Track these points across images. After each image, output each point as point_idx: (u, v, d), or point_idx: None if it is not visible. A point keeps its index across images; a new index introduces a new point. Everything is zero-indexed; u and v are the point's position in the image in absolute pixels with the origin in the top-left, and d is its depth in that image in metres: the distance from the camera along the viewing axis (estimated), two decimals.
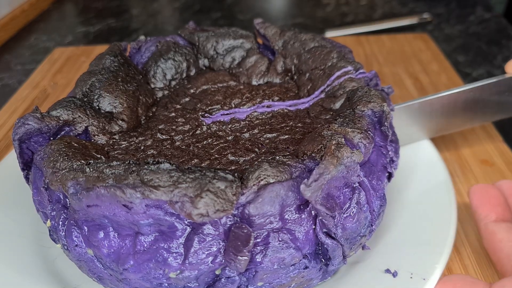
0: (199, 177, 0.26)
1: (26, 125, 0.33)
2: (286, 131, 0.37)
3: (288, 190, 0.28)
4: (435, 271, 0.33)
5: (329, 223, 0.29)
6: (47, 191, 0.32)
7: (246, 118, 0.39)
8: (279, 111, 0.40)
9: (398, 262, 0.35)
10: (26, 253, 0.37)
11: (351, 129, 0.31)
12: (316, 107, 0.39)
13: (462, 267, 0.38)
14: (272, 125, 0.38)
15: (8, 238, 0.39)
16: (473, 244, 0.40)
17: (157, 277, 0.28)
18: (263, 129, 0.37)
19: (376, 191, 0.32)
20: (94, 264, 0.30)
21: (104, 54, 0.42)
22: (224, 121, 0.39)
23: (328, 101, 0.39)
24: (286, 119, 0.38)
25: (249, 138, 0.36)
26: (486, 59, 0.73)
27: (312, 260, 0.30)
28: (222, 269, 0.29)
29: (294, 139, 0.36)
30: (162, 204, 0.26)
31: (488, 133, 0.54)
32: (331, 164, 0.28)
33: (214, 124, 0.38)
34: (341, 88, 0.39)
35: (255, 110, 0.40)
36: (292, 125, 0.37)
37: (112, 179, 0.27)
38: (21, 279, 0.35)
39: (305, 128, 0.37)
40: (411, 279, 0.33)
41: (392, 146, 0.36)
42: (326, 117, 0.37)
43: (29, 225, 0.40)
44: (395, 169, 0.36)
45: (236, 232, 0.27)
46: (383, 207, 0.33)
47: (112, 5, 1.05)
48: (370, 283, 0.34)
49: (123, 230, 0.29)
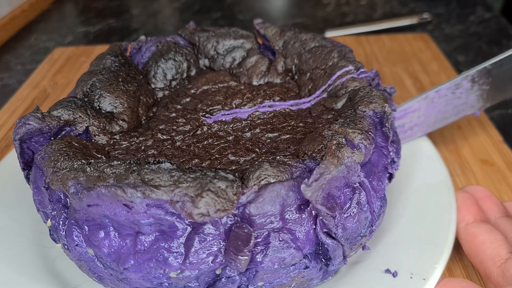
0: (200, 177, 0.26)
1: (27, 125, 0.33)
2: (288, 131, 0.37)
3: (288, 190, 0.28)
4: (435, 271, 0.34)
5: (329, 223, 0.29)
6: (47, 191, 0.32)
7: (248, 118, 0.39)
8: (281, 111, 0.40)
9: (398, 262, 0.35)
10: (26, 253, 0.37)
11: (351, 130, 0.31)
12: (318, 107, 0.39)
13: (462, 267, 0.38)
14: (274, 125, 0.38)
15: (8, 238, 0.39)
16: None
17: (157, 277, 0.28)
18: (265, 129, 0.37)
19: (377, 192, 0.32)
20: (94, 264, 0.30)
21: (105, 54, 0.42)
22: (226, 121, 0.39)
23: (330, 101, 0.39)
24: (287, 119, 0.39)
25: (250, 138, 0.36)
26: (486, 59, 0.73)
27: (313, 260, 0.30)
28: (223, 268, 0.29)
29: (295, 139, 0.36)
30: (162, 203, 0.26)
31: (488, 133, 0.54)
32: (331, 164, 0.28)
33: (216, 124, 0.38)
34: (343, 87, 0.39)
35: (257, 109, 0.40)
36: (293, 125, 0.38)
37: (113, 179, 0.27)
38: (21, 279, 0.35)
39: (306, 128, 0.37)
40: (411, 279, 0.33)
41: (393, 147, 0.36)
42: (328, 116, 0.37)
43: (29, 225, 0.40)
44: (396, 169, 0.36)
45: (236, 231, 0.27)
46: (383, 207, 0.33)
47: (112, 5, 1.05)
48: (370, 283, 0.34)
49: (123, 230, 0.29)
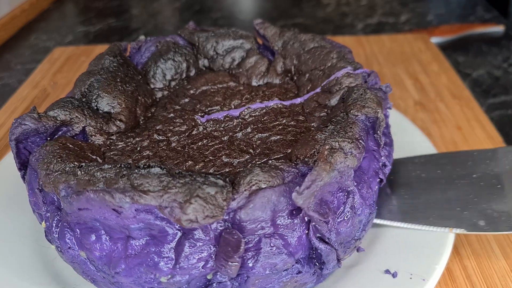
0: (189, 182, 0.26)
1: (23, 125, 0.33)
2: (278, 131, 0.36)
3: (279, 196, 0.27)
4: (434, 271, 0.33)
5: (322, 229, 0.29)
6: (41, 193, 0.32)
7: (240, 115, 0.39)
8: (273, 107, 0.39)
9: (397, 262, 0.35)
10: (25, 253, 0.37)
11: (341, 139, 0.30)
12: (311, 103, 0.39)
13: (461, 268, 0.38)
14: (265, 123, 0.37)
15: (8, 237, 0.39)
16: (473, 244, 0.40)
17: (148, 281, 0.28)
18: (256, 128, 0.37)
19: (366, 200, 0.32)
20: (87, 267, 0.30)
21: (104, 54, 0.42)
22: (218, 119, 0.39)
23: (324, 97, 0.38)
24: (278, 117, 0.38)
25: (243, 138, 0.36)
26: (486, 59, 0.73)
27: (305, 265, 0.30)
28: (214, 274, 0.29)
29: (285, 141, 0.35)
30: (152, 208, 0.26)
31: (488, 133, 0.54)
32: (323, 170, 0.27)
33: (208, 123, 0.38)
34: (337, 83, 0.38)
35: (249, 106, 0.39)
36: (284, 124, 0.37)
37: (102, 183, 0.27)
38: (20, 279, 0.35)
39: (297, 127, 0.36)
40: (410, 279, 0.33)
41: (385, 150, 0.35)
42: (321, 114, 0.37)
43: (29, 224, 0.40)
44: (387, 173, 0.35)
45: (226, 237, 0.27)
46: (372, 215, 0.33)
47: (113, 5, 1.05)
48: (370, 284, 0.34)
49: (115, 234, 0.28)
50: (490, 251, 0.39)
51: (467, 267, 0.38)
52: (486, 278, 0.37)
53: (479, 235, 0.40)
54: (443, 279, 0.37)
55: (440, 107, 0.59)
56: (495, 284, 0.36)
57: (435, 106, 0.60)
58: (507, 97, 0.67)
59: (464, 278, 0.37)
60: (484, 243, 0.40)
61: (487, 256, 0.39)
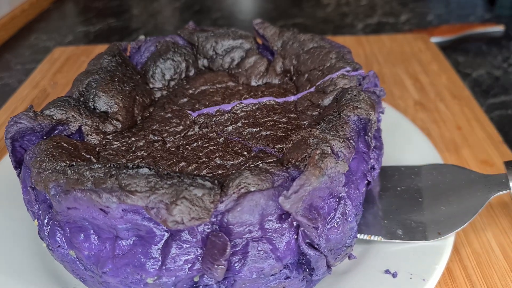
0: (176, 184, 0.26)
1: (18, 124, 0.33)
2: (269, 127, 0.36)
3: (268, 199, 0.27)
4: (434, 271, 0.33)
5: (311, 234, 0.28)
6: (34, 191, 0.32)
7: (232, 110, 0.38)
8: (265, 103, 0.39)
9: (397, 262, 0.35)
10: (25, 252, 0.37)
11: (332, 137, 0.30)
12: (304, 101, 0.38)
13: (461, 268, 0.38)
14: (256, 119, 0.37)
15: (7, 237, 0.39)
16: (473, 244, 0.40)
17: (134, 282, 0.28)
18: (247, 123, 0.37)
19: (353, 201, 0.32)
20: (76, 266, 0.30)
21: (103, 54, 0.42)
22: (209, 114, 0.38)
23: (317, 96, 0.38)
24: (271, 113, 0.38)
25: (232, 132, 0.35)
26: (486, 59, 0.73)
27: (294, 270, 0.29)
28: (200, 276, 0.28)
29: (275, 136, 0.35)
30: (139, 209, 0.26)
31: (488, 133, 0.54)
32: (312, 175, 0.27)
33: (199, 118, 0.38)
34: (332, 84, 0.38)
35: (241, 101, 0.39)
36: (276, 120, 0.37)
37: (91, 182, 0.27)
38: (20, 278, 0.35)
39: (289, 124, 0.36)
40: (410, 279, 0.33)
41: (375, 153, 0.35)
42: (313, 113, 0.37)
43: (28, 224, 0.40)
44: (375, 176, 0.35)
45: (213, 240, 0.27)
46: (358, 216, 0.33)
47: (113, 5, 1.05)
48: (370, 284, 0.34)
49: (103, 233, 0.28)
50: (490, 251, 0.39)
51: (467, 267, 0.38)
52: (486, 278, 0.37)
53: (479, 235, 0.40)
54: (443, 279, 0.37)
55: (440, 107, 0.59)
56: (495, 284, 0.36)
57: (435, 106, 0.60)
58: (507, 97, 0.67)
59: (464, 278, 0.37)
60: (484, 243, 0.40)
61: (487, 256, 0.39)
